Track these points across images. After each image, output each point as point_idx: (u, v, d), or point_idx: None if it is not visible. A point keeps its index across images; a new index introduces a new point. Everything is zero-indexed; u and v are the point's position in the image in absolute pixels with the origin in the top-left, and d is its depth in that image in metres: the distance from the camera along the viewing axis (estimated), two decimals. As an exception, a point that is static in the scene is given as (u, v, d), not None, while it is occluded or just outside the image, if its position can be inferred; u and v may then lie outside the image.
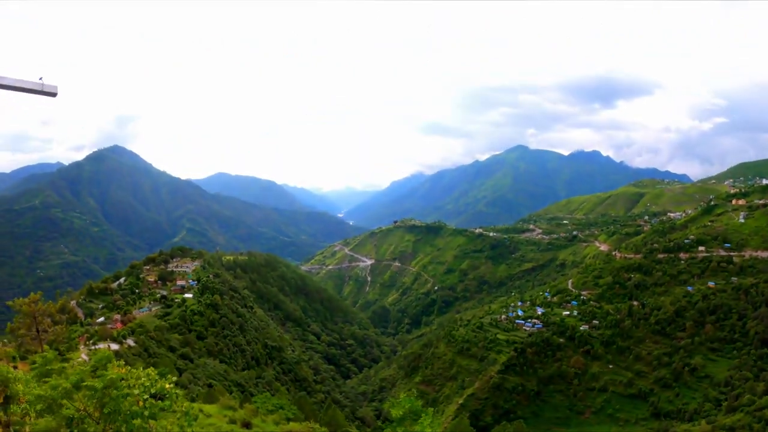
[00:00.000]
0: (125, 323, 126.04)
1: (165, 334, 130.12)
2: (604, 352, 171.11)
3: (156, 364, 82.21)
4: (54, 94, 11.72)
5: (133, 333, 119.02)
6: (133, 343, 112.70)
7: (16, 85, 11.37)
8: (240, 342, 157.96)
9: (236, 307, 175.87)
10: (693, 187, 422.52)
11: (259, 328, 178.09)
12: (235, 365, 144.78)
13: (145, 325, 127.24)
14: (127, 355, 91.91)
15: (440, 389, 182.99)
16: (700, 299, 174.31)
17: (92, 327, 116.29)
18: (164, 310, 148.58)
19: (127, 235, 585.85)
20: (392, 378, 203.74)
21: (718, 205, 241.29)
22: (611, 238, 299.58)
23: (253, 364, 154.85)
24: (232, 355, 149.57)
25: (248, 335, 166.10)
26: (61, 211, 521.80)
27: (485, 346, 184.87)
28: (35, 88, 11.52)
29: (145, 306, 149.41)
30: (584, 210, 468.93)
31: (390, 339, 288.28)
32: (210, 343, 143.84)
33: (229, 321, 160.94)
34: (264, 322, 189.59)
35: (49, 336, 59.48)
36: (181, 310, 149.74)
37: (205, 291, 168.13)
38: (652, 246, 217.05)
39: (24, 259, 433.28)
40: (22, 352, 53.65)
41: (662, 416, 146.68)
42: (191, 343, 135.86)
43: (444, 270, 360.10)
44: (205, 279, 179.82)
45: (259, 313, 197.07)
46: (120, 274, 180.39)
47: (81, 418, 13.37)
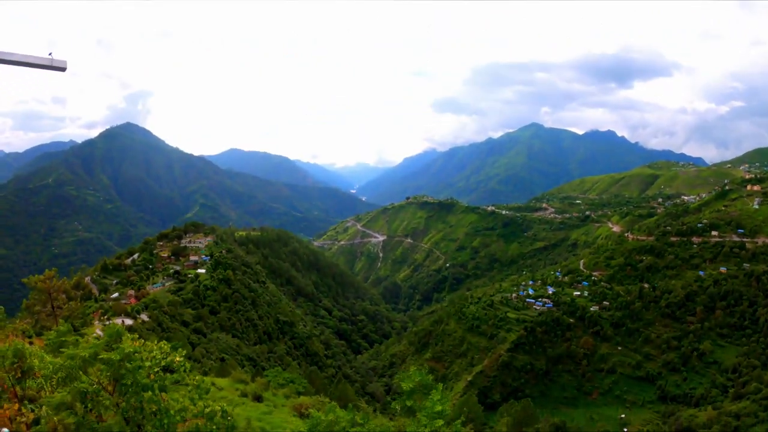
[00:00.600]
0: (139, 298, 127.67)
1: (178, 309, 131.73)
2: (614, 334, 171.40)
3: (169, 338, 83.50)
4: (63, 68, 11.82)
5: (147, 308, 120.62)
6: (147, 318, 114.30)
7: (26, 60, 11.46)
8: (252, 317, 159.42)
9: (248, 282, 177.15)
10: (708, 171, 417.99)
11: (271, 303, 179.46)
12: (247, 340, 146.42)
13: (158, 300, 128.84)
14: (141, 330, 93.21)
15: (450, 366, 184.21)
16: (711, 284, 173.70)
17: (106, 302, 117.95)
18: (177, 285, 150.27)
19: (140, 212, 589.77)
20: (402, 354, 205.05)
21: (732, 190, 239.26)
22: (624, 219, 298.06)
23: (265, 339, 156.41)
24: (245, 329, 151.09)
25: (260, 310, 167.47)
26: (74, 188, 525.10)
27: (495, 324, 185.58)
28: (45, 63, 11.63)
29: (158, 281, 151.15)
30: (598, 190, 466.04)
31: (401, 315, 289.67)
32: (222, 317, 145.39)
33: (241, 296, 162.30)
34: (276, 297, 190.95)
35: (64, 312, 60.15)
36: (194, 286, 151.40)
37: (217, 266, 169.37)
38: (664, 229, 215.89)
39: (39, 237, 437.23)
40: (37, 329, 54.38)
41: (669, 400, 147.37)
42: (204, 317, 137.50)
43: (456, 247, 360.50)
44: (218, 254, 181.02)
45: (272, 288, 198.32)
46: (133, 250, 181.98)
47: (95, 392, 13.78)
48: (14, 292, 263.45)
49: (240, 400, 52.23)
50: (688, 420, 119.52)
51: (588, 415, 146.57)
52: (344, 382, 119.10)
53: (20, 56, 11.38)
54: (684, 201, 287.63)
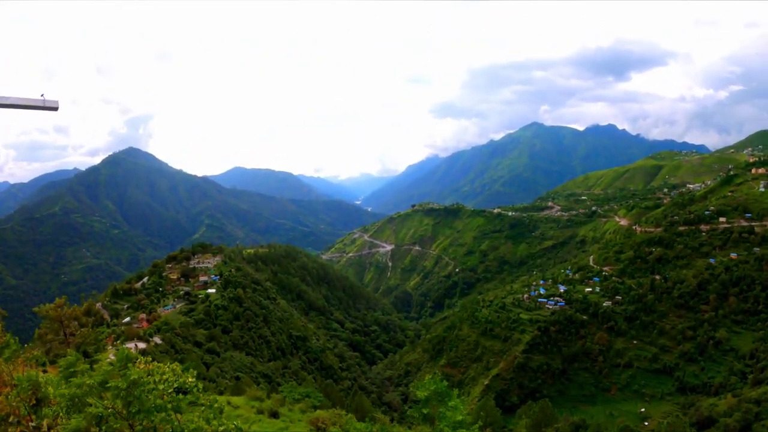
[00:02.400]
0: (151, 322, 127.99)
1: (190, 330, 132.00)
2: (628, 328, 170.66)
3: (183, 360, 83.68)
4: (55, 108, 12.07)
5: (159, 331, 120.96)
6: (159, 340, 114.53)
7: (19, 103, 11.73)
8: (265, 334, 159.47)
9: (259, 299, 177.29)
10: (711, 158, 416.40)
11: (283, 319, 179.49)
12: (261, 357, 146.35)
13: (170, 322, 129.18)
14: (155, 353, 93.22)
15: (465, 371, 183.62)
16: (722, 271, 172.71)
17: (119, 327, 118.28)
18: (188, 306, 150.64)
19: (147, 235, 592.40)
20: (417, 362, 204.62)
21: (737, 175, 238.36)
22: (631, 212, 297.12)
23: (279, 355, 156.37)
24: (258, 347, 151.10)
25: (272, 326, 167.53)
26: (80, 216, 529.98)
27: (509, 326, 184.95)
28: (38, 105, 11.86)
29: (169, 303, 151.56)
30: (602, 185, 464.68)
31: (413, 323, 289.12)
32: (235, 336, 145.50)
33: (253, 313, 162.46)
34: (287, 313, 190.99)
35: (77, 339, 60.37)
36: (205, 306, 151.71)
37: (227, 285, 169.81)
38: (672, 219, 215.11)
39: (47, 266, 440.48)
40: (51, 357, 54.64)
41: (688, 391, 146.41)
42: (217, 337, 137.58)
43: (464, 252, 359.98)
44: (227, 273, 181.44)
45: (282, 304, 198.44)
46: (143, 274, 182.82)
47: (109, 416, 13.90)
48: (26, 321, 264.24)
49: (256, 418, 52.30)
50: (709, 409, 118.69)
51: (607, 411, 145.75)
52: (360, 394, 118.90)
53: (14, 99, 11.69)
54: (689, 190, 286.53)
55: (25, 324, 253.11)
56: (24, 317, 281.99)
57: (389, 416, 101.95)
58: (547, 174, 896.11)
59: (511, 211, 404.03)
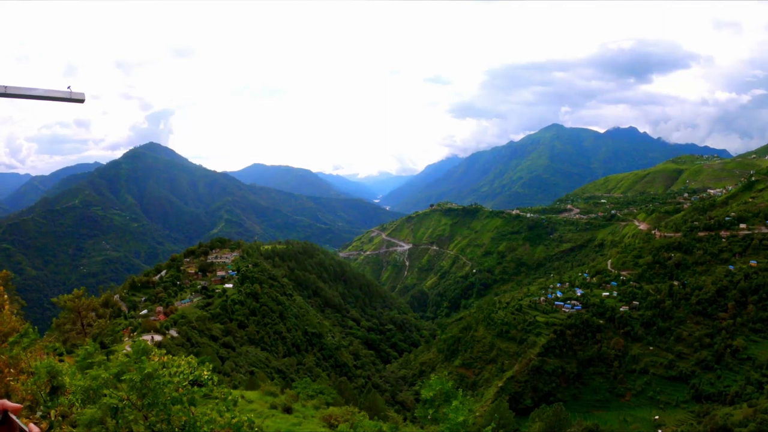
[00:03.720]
0: (168, 314, 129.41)
1: (207, 324, 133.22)
2: (645, 334, 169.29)
3: (198, 353, 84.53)
4: (82, 100, 12.33)
5: (176, 324, 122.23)
6: (176, 333, 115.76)
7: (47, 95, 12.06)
8: (280, 329, 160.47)
9: (276, 295, 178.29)
10: (733, 163, 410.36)
11: (298, 316, 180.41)
12: (276, 352, 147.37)
13: (187, 315, 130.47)
14: (171, 346, 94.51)
15: (480, 372, 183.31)
16: (742, 278, 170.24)
17: (136, 319, 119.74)
18: (205, 300, 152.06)
19: (166, 229, 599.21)
20: (432, 362, 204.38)
21: (759, 181, 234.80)
22: (650, 216, 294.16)
23: (294, 351, 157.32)
24: (273, 342, 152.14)
25: (288, 323, 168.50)
26: (101, 209, 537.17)
27: (524, 328, 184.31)
28: (65, 97, 12.19)
29: (186, 297, 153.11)
30: (622, 188, 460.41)
31: (429, 323, 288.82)
32: (251, 331, 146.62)
33: (269, 309, 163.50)
34: (303, 309, 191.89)
35: (94, 329, 61.51)
36: (222, 300, 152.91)
37: (244, 280, 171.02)
38: (692, 224, 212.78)
39: (67, 257, 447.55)
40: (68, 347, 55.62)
41: (703, 399, 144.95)
42: (233, 331, 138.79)
43: (482, 252, 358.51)
44: (245, 269, 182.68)
45: (299, 300, 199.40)
46: (161, 267, 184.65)
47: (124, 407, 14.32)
48: (45, 311, 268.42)
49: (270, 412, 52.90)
50: (724, 419, 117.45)
51: (621, 417, 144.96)
52: (374, 392, 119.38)
53: (42, 91, 11.95)
54: (710, 195, 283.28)
55: (43, 314, 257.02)
56: (43, 307, 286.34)
57: (402, 415, 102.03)
58: (567, 176, 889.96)
59: (530, 213, 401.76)
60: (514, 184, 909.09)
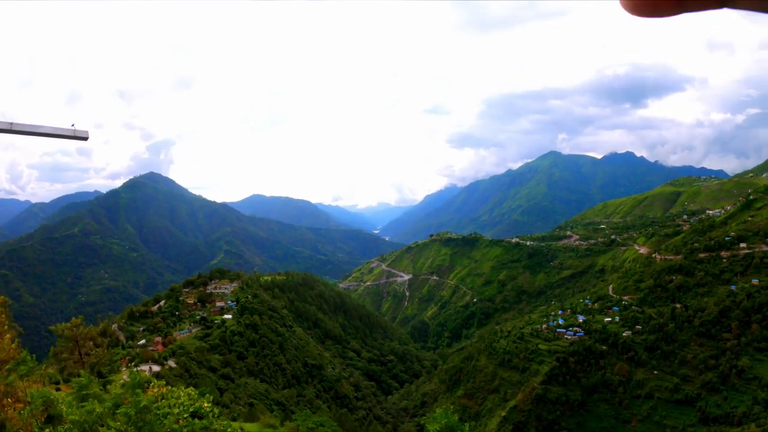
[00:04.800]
0: (166, 345, 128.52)
1: (205, 355, 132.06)
2: (648, 358, 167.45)
3: (197, 384, 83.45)
4: (86, 138, 12.56)
5: (174, 354, 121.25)
6: (174, 364, 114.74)
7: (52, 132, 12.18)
8: (280, 361, 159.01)
9: (275, 326, 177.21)
10: (730, 183, 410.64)
11: (298, 347, 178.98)
12: (276, 384, 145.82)
13: (185, 346, 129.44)
14: (169, 376, 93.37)
15: (482, 402, 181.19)
16: (744, 298, 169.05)
17: (134, 349, 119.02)
18: (204, 331, 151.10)
19: (165, 260, 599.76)
20: (434, 392, 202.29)
21: (757, 199, 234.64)
22: (650, 240, 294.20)
23: (294, 383, 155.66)
24: (273, 374, 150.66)
25: (288, 354, 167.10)
26: (100, 237, 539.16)
27: (527, 356, 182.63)
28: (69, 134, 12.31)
29: (185, 328, 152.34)
30: (621, 213, 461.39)
31: (430, 353, 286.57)
32: (250, 362, 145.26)
33: (268, 340, 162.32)
34: (303, 341, 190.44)
35: (92, 359, 60.98)
36: (221, 331, 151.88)
37: (244, 311, 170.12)
38: (692, 246, 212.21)
39: (65, 286, 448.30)
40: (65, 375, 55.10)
41: (710, 421, 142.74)
42: (232, 363, 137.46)
43: (482, 282, 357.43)
44: (244, 300, 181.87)
45: (299, 331, 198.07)
46: (160, 297, 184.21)
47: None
48: (42, 339, 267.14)
49: (268, 444, 51.88)
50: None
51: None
52: (375, 424, 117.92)
53: (47, 128, 12.23)
54: (709, 216, 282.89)
55: (41, 342, 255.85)
56: (40, 335, 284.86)
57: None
58: (566, 203, 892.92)
59: (530, 241, 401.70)
60: (513, 213, 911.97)
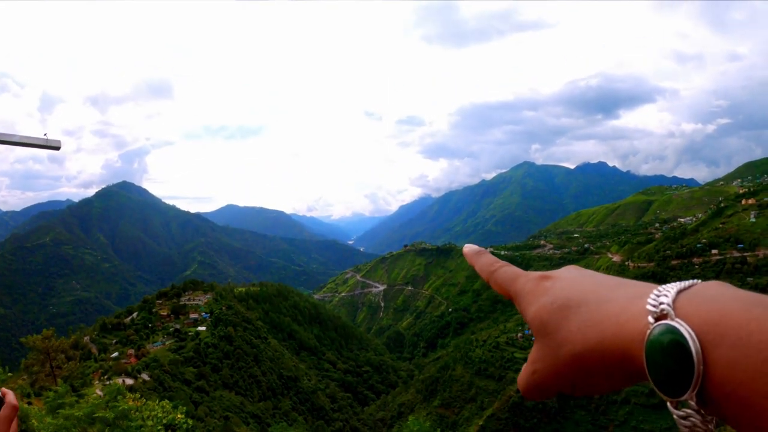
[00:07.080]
0: (139, 357, 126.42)
1: (179, 368, 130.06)
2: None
3: (171, 397, 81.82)
4: (57, 147, 12.35)
5: (148, 367, 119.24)
6: (147, 377, 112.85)
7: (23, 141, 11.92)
8: (255, 373, 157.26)
9: (250, 338, 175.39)
10: (701, 191, 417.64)
11: (273, 359, 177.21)
12: (251, 396, 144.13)
13: (159, 359, 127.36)
14: (142, 389, 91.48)
15: (460, 411, 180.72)
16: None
17: (106, 362, 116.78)
18: (178, 343, 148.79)
19: (138, 270, 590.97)
20: (411, 403, 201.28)
21: (727, 207, 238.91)
22: (623, 248, 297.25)
23: (269, 395, 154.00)
24: (248, 386, 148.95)
25: (263, 366, 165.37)
26: (71, 247, 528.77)
27: (503, 365, 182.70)
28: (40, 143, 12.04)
29: (158, 340, 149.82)
30: (594, 222, 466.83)
31: (406, 364, 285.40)
32: (225, 375, 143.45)
33: (243, 352, 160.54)
34: (279, 353, 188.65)
35: (63, 372, 59.75)
36: (195, 343, 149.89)
37: (218, 323, 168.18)
38: (664, 253, 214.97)
39: (36, 296, 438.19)
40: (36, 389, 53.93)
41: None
42: (206, 375, 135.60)
43: (457, 291, 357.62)
44: (218, 311, 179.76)
45: (274, 343, 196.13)
46: (132, 309, 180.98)
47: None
48: (12, 351, 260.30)
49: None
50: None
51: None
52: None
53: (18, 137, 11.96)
54: (681, 223, 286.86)
55: (11, 354, 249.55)
56: (11, 347, 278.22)
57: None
58: (539, 212, 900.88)
59: (504, 250, 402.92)
60: (487, 222, 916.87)
